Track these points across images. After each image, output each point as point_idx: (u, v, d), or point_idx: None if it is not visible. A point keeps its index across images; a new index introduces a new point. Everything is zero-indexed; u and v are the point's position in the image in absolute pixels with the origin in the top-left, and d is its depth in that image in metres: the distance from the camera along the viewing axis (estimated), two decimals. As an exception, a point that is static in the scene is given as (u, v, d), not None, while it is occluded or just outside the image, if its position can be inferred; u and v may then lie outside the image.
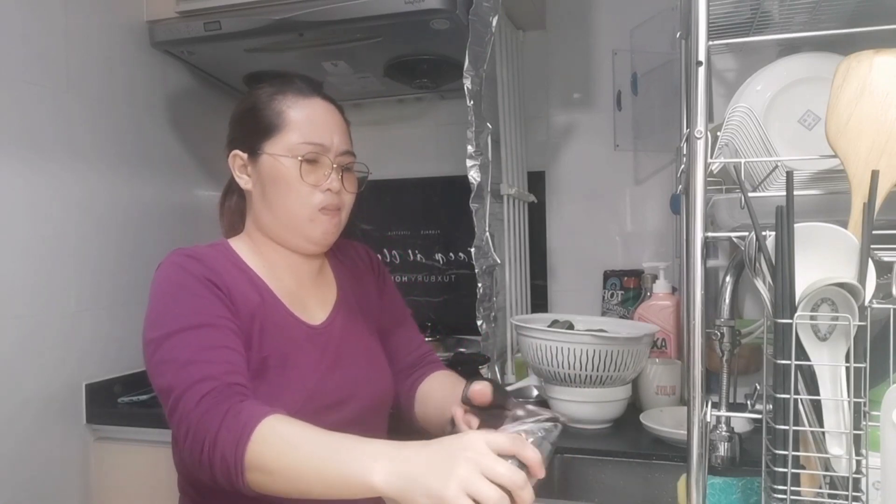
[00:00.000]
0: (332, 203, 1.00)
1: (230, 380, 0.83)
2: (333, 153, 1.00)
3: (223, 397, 0.80)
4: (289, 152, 0.98)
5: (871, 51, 0.72)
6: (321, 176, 0.99)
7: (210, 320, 0.88)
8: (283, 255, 1.03)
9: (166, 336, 0.87)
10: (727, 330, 0.94)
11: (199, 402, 0.80)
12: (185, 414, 0.80)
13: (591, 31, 1.82)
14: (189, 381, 0.82)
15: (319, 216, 0.99)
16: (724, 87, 1.55)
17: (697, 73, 0.74)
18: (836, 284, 0.66)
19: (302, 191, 0.98)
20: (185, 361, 0.84)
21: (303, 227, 1.00)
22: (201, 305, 0.90)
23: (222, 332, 0.89)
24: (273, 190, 0.99)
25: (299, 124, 0.99)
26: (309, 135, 0.99)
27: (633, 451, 1.22)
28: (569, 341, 1.29)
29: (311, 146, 0.98)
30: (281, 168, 0.98)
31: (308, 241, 1.01)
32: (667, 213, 1.71)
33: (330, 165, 1.00)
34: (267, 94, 1.02)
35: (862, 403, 0.66)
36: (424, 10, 1.41)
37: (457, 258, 1.95)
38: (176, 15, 1.60)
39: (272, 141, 0.99)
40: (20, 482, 1.40)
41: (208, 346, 0.86)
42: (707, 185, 0.73)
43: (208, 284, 0.91)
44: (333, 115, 1.04)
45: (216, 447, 0.77)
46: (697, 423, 0.73)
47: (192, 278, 0.91)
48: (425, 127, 2.00)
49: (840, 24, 1.08)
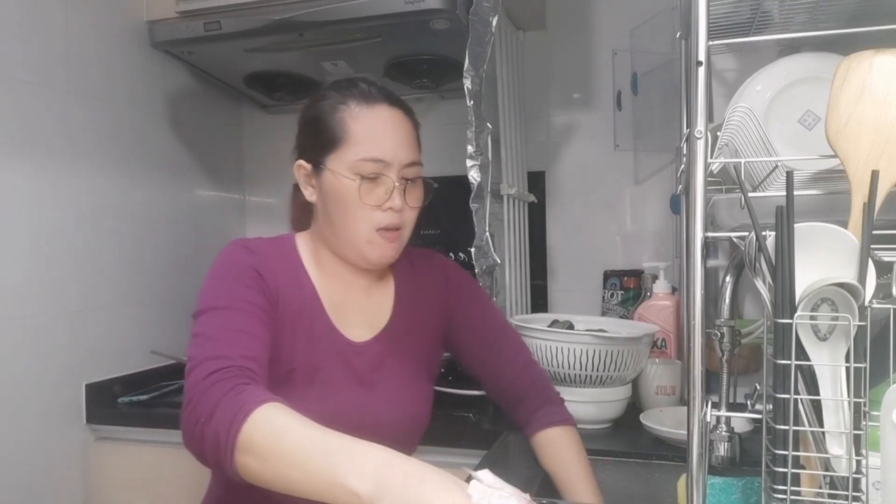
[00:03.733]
0: (392, 223, 0.97)
1: (243, 363, 0.83)
2: (397, 167, 0.96)
3: (230, 376, 0.80)
4: (349, 170, 0.94)
5: (871, 51, 0.71)
6: (382, 194, 0.95)
7: (240, 304, 0.89)
8: (339, 265, 1.02)
9: (201, 312, 0.89)
10: (727, 330, 0.94)
11: (207, 377, 0.80)
12: (192, 385, 0.81)
13: (591, 31, 1.82)
14: (205, 356, 0.82)
15: (377, 238, 0.97)
16: (724, 87, 1.55)
17: (697, 73, 0.73)
18: (836, 284, 0.66)
19: (361, 212, 0.95)
20: (209, 337, 0.86)
21: (361, 247, 0.98)
22: (237, 290, 0.91)
23: (249, 317, 0.89)
24: (334, 207, 0.97)
25: (361, 138, 0.95)
26: (370, 150, 0.95)
27: (633, 451, 1.22)
28: (569, 341, 1.29)
29: (373, 163, 0.94)
30: (341, 187, 0.95)
31: (365, 261, 0.99)
32: (667, 213, 1.71)
33: (392, 183, 0.96)
34: (330, 102, 0.98)
35: (862, 403, 0.66)
36: (424, 10, 1.41)
37: (457, 258, 1.94)
38: (176, 15, 1.60)
39: (334, 156, 0.96)
40: (20, 482, 1.40)
41: (232, 328, 0.87)
42: (707, 185, 0.73)
43: (252, 273, 0.92)
44: (399, 123, 0.99)
45: (211, 422, 0.76)
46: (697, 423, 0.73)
47: (236, 266, 0.93)
48: (425, 127, 1.97)
49: (840, 24, 1.08)
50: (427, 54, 1.66)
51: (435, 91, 1.86)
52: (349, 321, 1.01)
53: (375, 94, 0.99)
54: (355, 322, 1.02)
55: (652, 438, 1.26)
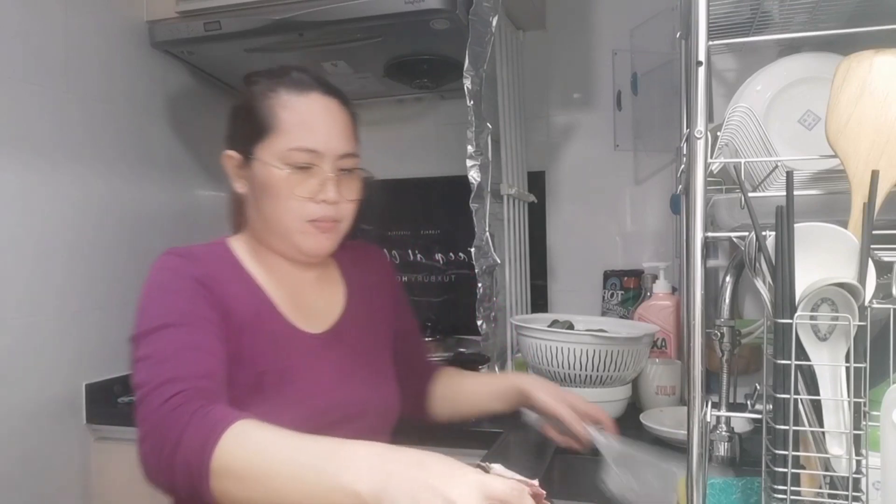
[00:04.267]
0: (326, 215, 0.93)
1: (201, 384, 0.78)
2: (331, 158, 0.92)
3: (190, 398, 0.75)
4: (279, 160, 0.90)
5: (871, 51, 0.71)
6: (315, 186, 0.91)
7: (190, 320, 0.83)
8: (281, 261, 0.98)
9: (145, 333, 0.82)
10: (727, 330, 0.94)
11: (164, 402, 0.74)
12: (149, 413, 0.75)
13: (591, 31, 1.82)
14: (158, 380, 0.77)
15: (310, 229, 0.93)
16: (724, 87, 1.55)
17: (697, 73, 0.73)
18: (836, 284, 0.66)
19: (292, 203, 0.91)
20: (159, 359, 0.79)
21: (293, 238, 0.93)
22: (183, 304, 0.85)
23: (201, 333, 0.83)
24: (264, 199, 0.92)
25: (291, 127, 0.91)
26: (301, 139, 0.90)
27: (633, 451, 1.22)
28: (569, 341, 1.29)
29: (304, 153, 0.90)
30: (271, 177, 0.90)
31: (300, 253, 0.95)
32: (667, 213, 1.71)
33: (325, 174, 0.92)
34: (260, 89, 0.94)
35: (862, 403, 0.66)
36: (424, 10, 1.41)
37: (457, 258, 1.95)
38: (176, 15, 1.60)
39: (263, 145, 0.91)
40: (20, 482, 1.40)
41: (184, 346, 0.81)
42: (707, 185, 0.73)
43: (195, 284, 0.86)
44: (333, 112, 0.95)
45: (179, 450, 0.70)
46: (697, 423, 0.73)
47: (178, 277, 0.87)
48: (425, 127, 2.00)
49: (840, 24, 1.08)
50: (427, 54, 1.66)
51: (435, 91, 1.86)
52: (305, 316, 0.96)
53: (308, 81, 0.94)
54: (311, 316, 0.97)
55: (652, 438, 1.26)
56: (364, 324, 1.04)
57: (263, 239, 0.97)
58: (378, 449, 0.67)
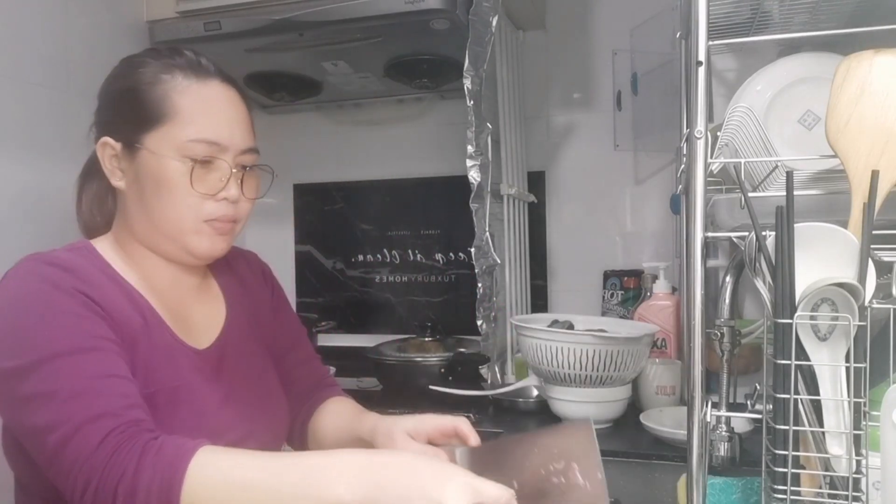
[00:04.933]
0: (225, 215, 0.83)
1: (132, 415, 0.69)
2: (233, 153, 0.83)
3: (130, 435, 0.66)
4: (176, 152, 0.79)
5: (871, 51, 0.72)
6: (216, 182, 0.81)
7: (94, 343, 0.72)
8: (159, 266, 0.86)
9: (36, 364, 0.69)
10: (727, 330, 0.94)
11: (101, 444, 0.65)
12: (83, 459, 0.65)
13: (591, 31, 1.82)
14: (80, 418, 0.66)
15: (206, 229, 0.83)
16: (724, 87, 1.55)
17: (697, 73, 0.74)
18: (836, 284, 0.66)
19: (189, 200, 0.80)
20: (70, 394, 0.68)
21: (185, 239, 0.83)
22: (79, 325, 0.73)
23: (110, 357, 0.73)
24: (153, 195, 0.81)
25: (191, 116, 0.80)
26: (204, 130, 0.80)
27: (633, 451, 1.22)
28: (569, 341, 1.29)
29: (206, 146, 0.80)
30: (165, 170, 0.80)
31: (190, 254, 0.84)
32: (667, 213, 1.71)
33: (228, 169, 0.82)
34: (151, 71, 0.82)
35: (862, 403, 0.66)
36: (424, 10, 1.41)
37: (457, 258, 1.95)
38: (176, 15, 1.60)
39: (155, 134, 0.80)
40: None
41: (97, 375, 0.70)
42: (707, 185, 0.73)
43: (83, 299, 0.74)
44: (234, 102, 0.85)
45: (136, 496, 0.63)
46: (697, 423, 0.73)
47: (60, 292, 0.74)
48: (425, 127, 2.00)
49: (840, 24, 1.08)
50: (427, 54, 1.66)
51: (435, 91, 1.86)
52: (189, 328, 0.87)
53: (206, 66, 0.85)
54: (195, 329, 0.88)
55: (652, 438, 1.26)
56: (246, 337, 0.94)
57: (145, 240, 0.85)
58: (363, 458, 0.66)
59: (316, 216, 2.09)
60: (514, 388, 1.46)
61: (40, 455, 0.69)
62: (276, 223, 2.08)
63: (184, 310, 0.88)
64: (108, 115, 0.86)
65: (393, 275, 2.01)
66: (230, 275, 0.98)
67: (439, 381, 1.48)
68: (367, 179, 2.03)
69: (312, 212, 2.09)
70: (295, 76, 1.80)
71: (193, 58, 0.84)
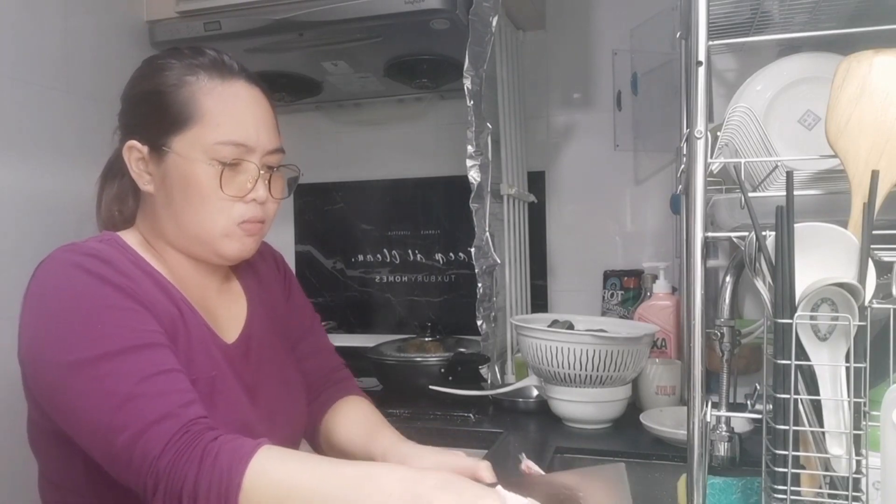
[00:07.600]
0: (255, 216, 0.83)
1: (191, 414, 0.70)
2: (260, 153, 0.83)
3: (192, 438, 0.68)
4: (205, 155, 0.79)
5: (871, 51, 0.72)
6: (244, 184, 0.82)
7: (147, 338, 0.73)
8: (184, 263, 0.86)
9: (92, 360, 0.70)
10: (727, 330, 0.94)
11: (165, 447, 0.67)
12: (149, 462, 0.67)
13: (591, 31, 1.82)
14: (145, 421, 0.68)
15: (237, 231, 0.83)
16: (724, 87, 1.55)
17: (697, 73, 0.74)
18: (836, 284, 0.66)
19: (220, 204, 0.81)
20: (133, 394, 0.69)
21: (216, 242, 0.83)
22: (131, 320, 0.73)
23: (163, 351, 0.73)
24: (182, 199, 0.81)
25: (218, 117, 0.80)
26: (231, 132, 0.80)
27: (633, 451, 1.22)
28: (569, 341, 1.29)
29: (234, 147, 0.80)
30: (194, 174, 0.80)
31: (220, 257, 0.85)
32: (667, 213, 1.71)
33: (256, 171, 0.82)
34: (175, 73, 0.81)
35: (862, 403, 0.66)
36: (424, 10, 1.41)
37: (457, 258, 1.95)
38: (176, 15, 1.60)
39: (182, 137, 0.80)
40: (20, 482, 1.40)
41: (155, 372, 0.71)
42: (707, 185, 0.73)
43: (128, 292, 0.75)
44: (260, 102, 0.86)
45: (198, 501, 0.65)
46: (697, 423, 0.73)
47: (107, 286, 0.74)
48: (425, 127, 2.00)
49: (840, 24, 1.08)
50: (427, 54, 1.66)
51: (435, 91, 1.86)
52: (217, 321, 0.88)
53: (230, 64, 0.84)
54: (221, 323, 0.89)
55: (652, 438, 1.26)
56: (266, 332, 0.95)
57: (173, 241, 0.85)
58: (403, 473, 0.67)
59: (316, 216, 2.09)
60: (514, 388, 1.46)
61: (102, 452, 0.70)
62: (276, 223, 2.04)
63: (212, 305, 0.89)
64: (133, 118, 0.85)
65: (393, 275, 2.01)
66: (248, 269, 0.99)
67: (439, 381, 1.48)
68: (367, 179, 2.03)
69: (312, 212, 2.09)
70: (295, 76, 1.80)
71: (217, 56, 0.84)
